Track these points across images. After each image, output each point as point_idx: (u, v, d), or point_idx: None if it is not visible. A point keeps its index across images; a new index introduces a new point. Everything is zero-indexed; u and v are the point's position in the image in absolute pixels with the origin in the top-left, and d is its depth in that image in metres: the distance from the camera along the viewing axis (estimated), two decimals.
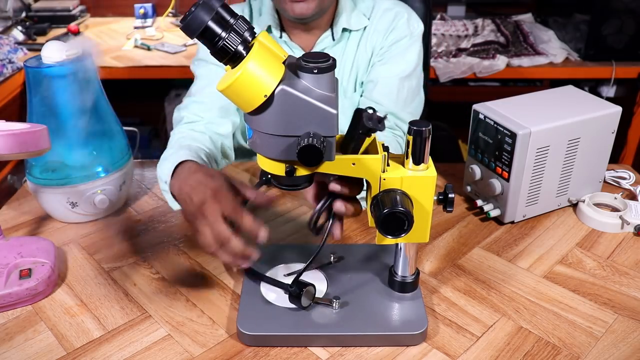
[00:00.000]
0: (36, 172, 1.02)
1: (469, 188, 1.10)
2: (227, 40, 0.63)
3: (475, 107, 1.04)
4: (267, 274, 0.87)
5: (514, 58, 2.08)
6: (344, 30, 1.16)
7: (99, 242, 1.01)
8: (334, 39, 1.16)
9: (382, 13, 1.17)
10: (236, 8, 1.19)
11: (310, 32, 1.16)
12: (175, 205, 0.94)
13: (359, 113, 0.70)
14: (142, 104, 2.48)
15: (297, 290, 0.78)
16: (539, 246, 0.99)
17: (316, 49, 1.17)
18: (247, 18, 1.16)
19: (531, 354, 0.76)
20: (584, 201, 1.05)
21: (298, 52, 1.17)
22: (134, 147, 1.16)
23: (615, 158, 2.15)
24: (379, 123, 0.69)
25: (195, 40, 0.65)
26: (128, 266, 0.95)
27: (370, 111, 0.69)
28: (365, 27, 1.17)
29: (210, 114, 1.10)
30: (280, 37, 1.16)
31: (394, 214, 0.70)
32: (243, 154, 1.29)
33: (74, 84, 0.99)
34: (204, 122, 1.09)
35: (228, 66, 0.66)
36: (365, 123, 0.69)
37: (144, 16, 2.47)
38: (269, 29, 1.16)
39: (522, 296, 0.87)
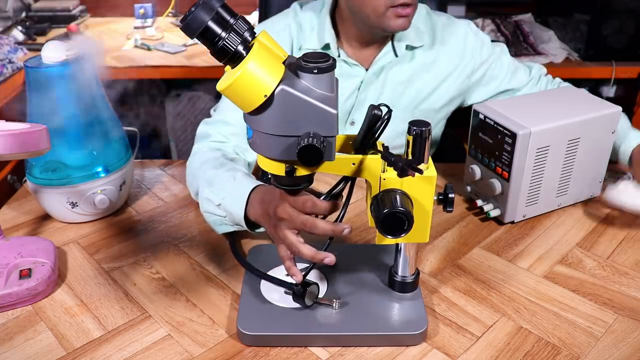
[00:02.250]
0: (36, 172, 1.02)
1: (469, 188, 1.10)
2: (227, 40, 0.63)
3: (475, 107, 1.04)
4: (268, 274, 0.87)
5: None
6: (407, 47, 1.16)
7: (99, 242, 1.01)
8: (396, 55, 1.15)
9: (444, 28, 1.19)
10: (280, 20, 1.18)
11: (370, 48, 1.15)
12: (222, 229, 0.96)
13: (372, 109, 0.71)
14: (142, 104, 2.48)
15: (302, 289, 0.78)
16: (539, 246, 0.98)
17: (375, 66, 1.16)
18: (293, 32, 1.16)
19: (531, 354, 0.76)
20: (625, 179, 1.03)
21: (358, 69, 1.17)
22: (134, 147, 1.16)
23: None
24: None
25: (196, 41, 0.65)
26: (128, 266, 0.95)
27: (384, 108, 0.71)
28: (424, 46, 1.17)
29: (238, 139, 1.09)
30: (339, 55, 1.16)
31: (394, 214, 0.70)
32: None
33: (74, 84, 0.99)
34: (231, 144, 1.08)
35: (228, 66, 0.66)
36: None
37: (144, 16, 2.47)
38: (326, 46, 1.14)
39: (522, 296, 0.87)
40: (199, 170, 1.01)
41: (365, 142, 0.72)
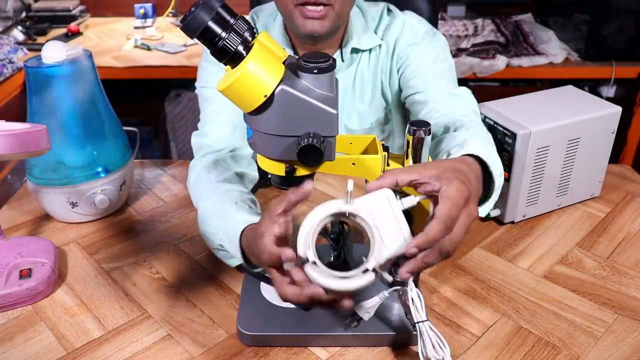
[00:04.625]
0: (36, 172, 1.02)
1: None
2: (227, 40, 0.63)
3: None
4: (268, 275, 0.86)
5: (514, 58, 2.08)
6: (354, 50, 1.09)
7: (99, 242, 1.01)
8: (342, 60, 1.08)
9: (388, 27, 1.09)
10: None
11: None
12: (233, 262, 0.89)
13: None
14: (142, 104, 2.48)
15: None
16: (539, 246, 0.98)
17: None
18: None
19: (531, 354, 0.76)
20: None
21: None
22: (134, 147, 1.16)
23: (615, 158, 2.15)
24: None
25: (196, 41, 0.65)
26: (128, 266, 0.95)
27: None
28: (380, 46, 1.09)
29: (233, 138, 1.04)
30: None
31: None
32: None
33: (74, 84, 0.99)
34: (227, 149, 1.02)
35: (228, 66, 0.66)
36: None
37: (144, 16, 2.47)
38: None
39: (522, 296, 0.87)
40: (197, 196, 0.94)
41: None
